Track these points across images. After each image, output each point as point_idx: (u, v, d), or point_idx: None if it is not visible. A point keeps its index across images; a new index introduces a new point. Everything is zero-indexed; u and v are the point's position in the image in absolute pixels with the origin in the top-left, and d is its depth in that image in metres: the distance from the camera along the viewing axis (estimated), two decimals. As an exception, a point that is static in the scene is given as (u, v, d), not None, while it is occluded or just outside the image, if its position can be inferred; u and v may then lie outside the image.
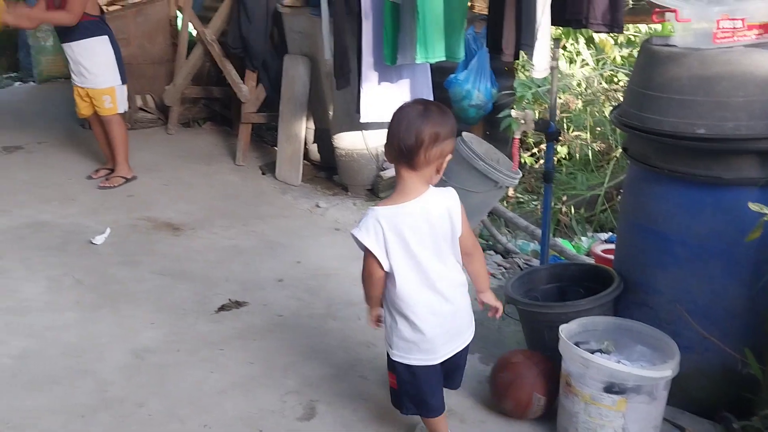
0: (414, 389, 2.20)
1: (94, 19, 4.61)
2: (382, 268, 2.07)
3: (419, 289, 2.10)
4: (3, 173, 5.19)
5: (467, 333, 2.23)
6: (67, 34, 4.66)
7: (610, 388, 2.15)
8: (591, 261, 3.52)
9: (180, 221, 4.30)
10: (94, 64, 4.67)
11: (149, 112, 6.34)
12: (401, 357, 2.15)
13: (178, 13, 6.23)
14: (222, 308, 3.26)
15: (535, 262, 3.86)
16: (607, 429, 2.18)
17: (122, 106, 4.85)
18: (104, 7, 5.87)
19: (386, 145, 2.07)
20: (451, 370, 2.27)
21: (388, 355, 2.21)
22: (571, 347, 2.23)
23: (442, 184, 2.14)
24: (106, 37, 4.67)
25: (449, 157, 2.06)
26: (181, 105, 6.20)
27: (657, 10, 2.39)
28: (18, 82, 8.57)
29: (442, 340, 2.14)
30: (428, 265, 2.08)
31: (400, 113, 2.04)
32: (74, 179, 5.04)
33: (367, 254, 2.08)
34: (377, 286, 2.14)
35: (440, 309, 2.12)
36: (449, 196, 2.11)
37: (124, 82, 4.81)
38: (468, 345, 2.25)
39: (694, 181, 2.29)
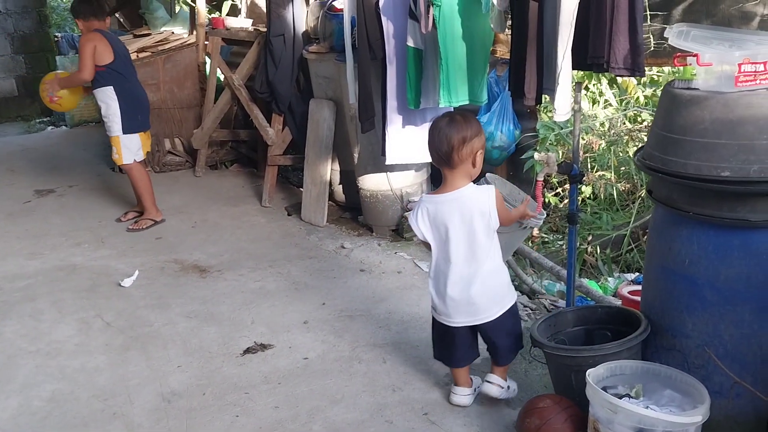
0: (437, 340, 2.80)
1: (101, 69, 4.73)
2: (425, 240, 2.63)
3: (443, 263, 2.61)
4: (36, 216, 5.32)
5: (484, 314, 2.62)
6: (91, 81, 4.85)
7: (640, 434, 2.12)
8: (618, 302, 3.49)
9: (207, 263, 4.35)
10: (104, 113, 4.84)
11: (178, 155, 6.47)
12: (432, 311, 2.74)
13: (207, 59, 6.39)
14: (248, 351, 3.28)
15: (562, 303, 3.83)
16: (637, 476, 2.14)
17: (128, 157, 4.89)
18: (135, 54, 6.07)
19: (429, 153, 2.58)
20: (488, 343, 2.75)
21: None
22: (599, 392, 2.21)
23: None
24: (111, 87, 4.75)
25: (481, 152, 2.54)
26: (209, 148, 6.32)
27: (678, 54, 2.41)
28: (50, 127, 8.80)
29: (453, 311, 2.62)
30: (454, 247, 2.56)
31: (433, 126, 2.56)
32: (104, 222, 5.14)
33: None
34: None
35: (455, 285, 2.58)
36: (483, 193, 2.55)
37: (127, 131, 4.85)
38: (497, 323, 2.64)
39: (720, 224, 2.28)
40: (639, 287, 3.18)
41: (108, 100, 4.78)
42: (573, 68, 2.95)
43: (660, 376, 2.35)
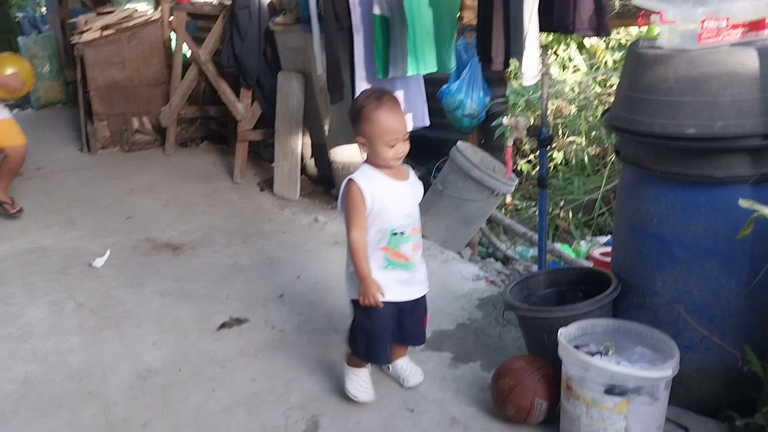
0: None
1: None
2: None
3: None
4: (3, 200, 5.22)
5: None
6: None
7: (611, 390, 2.15)
8: (589, 264, 3.53)
9: (180, 241, 4.32)
10: None
11: (146, 134, 6.38)
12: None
13: (172, 35, 6.28)
14: (223, 326, 3.26)
15: (535, 268, 3.86)
16: (609, 431, 2.18)
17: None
18: (99, 31, 5.95)
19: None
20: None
21: None
22: (571, 350, 2.23)
23: (437, 193, 2.22)
24: None
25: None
26: (178, 125, 6.24)
27: (642, 13, 2.42)
28: (16, 109, 8.61)
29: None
30: None
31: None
32: (74, 203, 5.07)
33: None
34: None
35: None
36: None
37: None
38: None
39: (686, 182, 2.30)
40: (610, 249, 3.22)
41: None
42: (540, 30, 2.95)
43: (631, 333, 2.38)
